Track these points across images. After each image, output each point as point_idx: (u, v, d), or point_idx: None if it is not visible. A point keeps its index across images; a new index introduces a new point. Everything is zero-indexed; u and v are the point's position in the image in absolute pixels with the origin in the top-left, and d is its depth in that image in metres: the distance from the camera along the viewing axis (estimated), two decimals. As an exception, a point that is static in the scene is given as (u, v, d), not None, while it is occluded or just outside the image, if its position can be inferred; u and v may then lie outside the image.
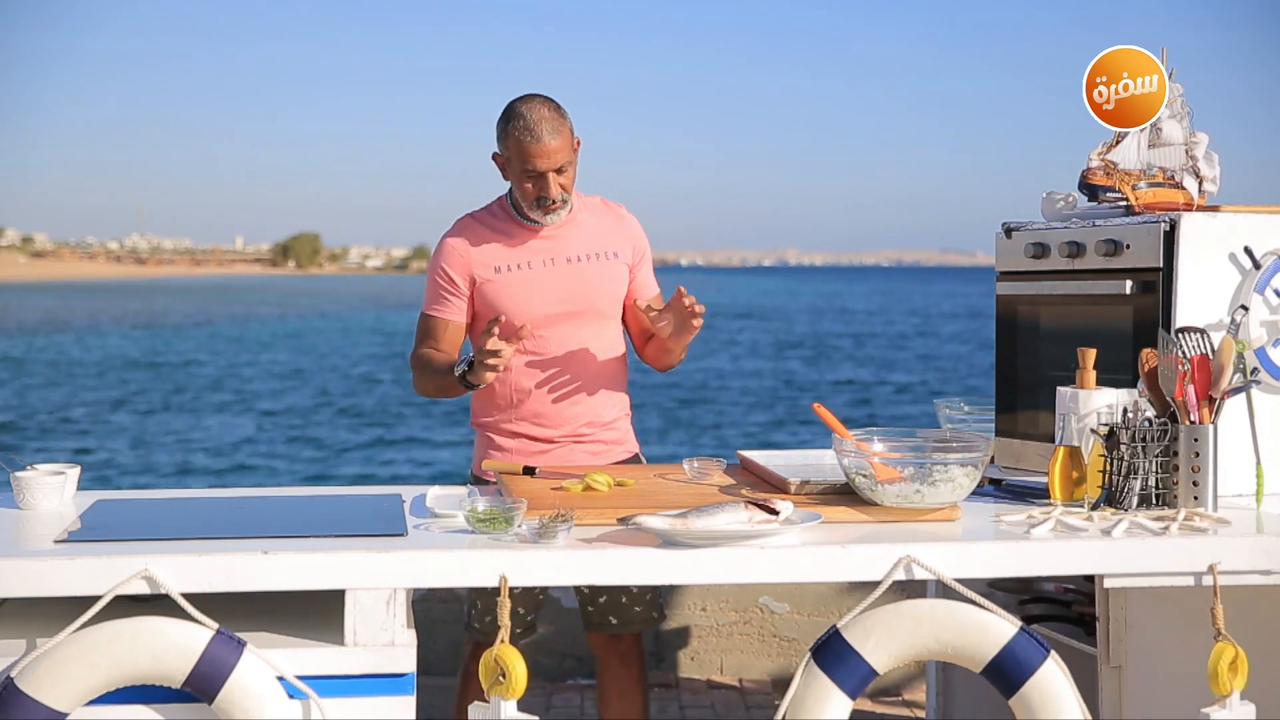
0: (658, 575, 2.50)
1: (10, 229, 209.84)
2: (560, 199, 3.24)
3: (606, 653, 3.38)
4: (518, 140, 3.18)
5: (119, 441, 20.66)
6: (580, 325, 3.33)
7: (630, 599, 3.31)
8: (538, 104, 3.21)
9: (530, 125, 3.17)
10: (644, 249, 3.46)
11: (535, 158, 3.18)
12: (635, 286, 3.43)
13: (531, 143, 3.17)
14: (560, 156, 3.20)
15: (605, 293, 3.36)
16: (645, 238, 3.48)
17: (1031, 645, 2.45)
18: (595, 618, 3.34)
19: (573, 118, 3.27)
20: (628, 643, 3.36)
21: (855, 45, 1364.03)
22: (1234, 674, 2.50)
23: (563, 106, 3.25)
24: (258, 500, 3.08)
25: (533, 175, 3.21)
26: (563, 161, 3.21)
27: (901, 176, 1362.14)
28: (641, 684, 3.40)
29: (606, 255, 3.37)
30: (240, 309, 69.01)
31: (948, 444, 2.72)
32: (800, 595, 4.72)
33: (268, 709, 2.35)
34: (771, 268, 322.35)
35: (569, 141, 3.22)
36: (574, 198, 3.35)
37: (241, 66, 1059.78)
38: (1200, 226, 3.00)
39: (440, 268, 3.35)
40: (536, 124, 3.17)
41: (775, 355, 37.95)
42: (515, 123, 3.19)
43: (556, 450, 3.34)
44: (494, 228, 3.34)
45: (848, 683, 2.45)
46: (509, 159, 3.24)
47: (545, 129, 3.17)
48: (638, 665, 3.39)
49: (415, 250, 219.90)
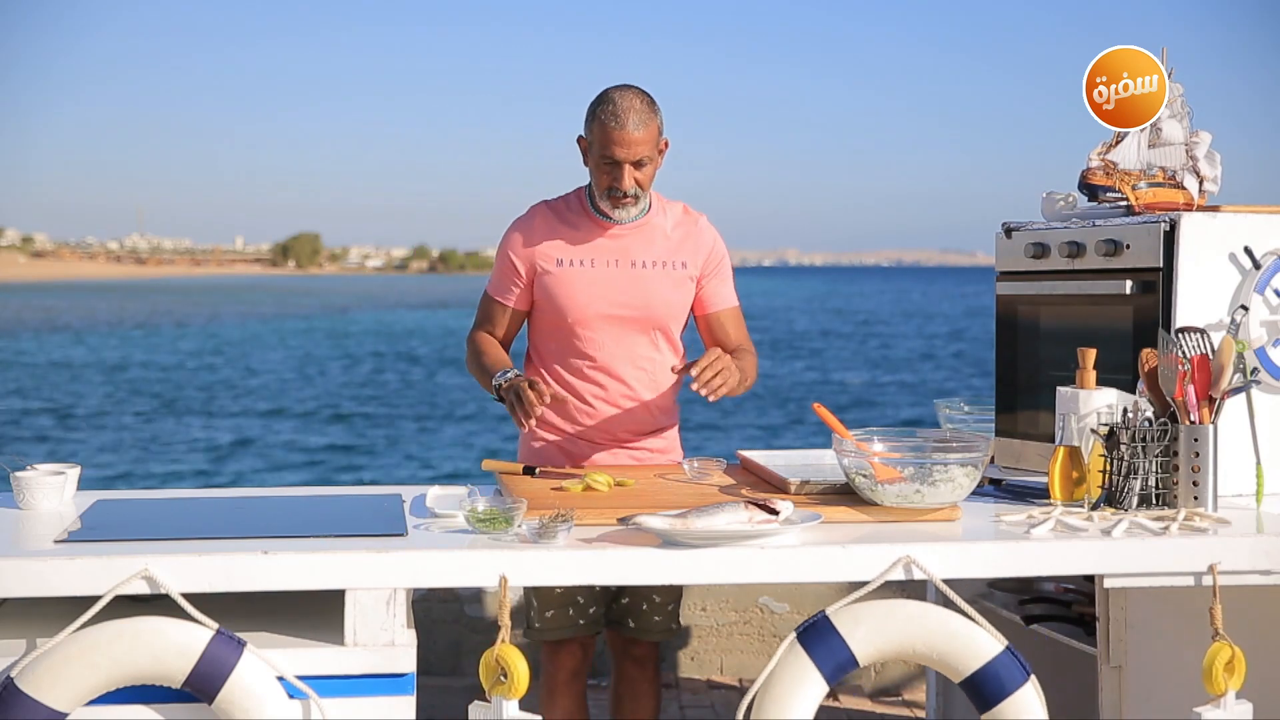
0: (658, 575, 2.50)
1: (10, 229, 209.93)
2: (632, 193, 3.17)
3: (621, 653, 3.36)
4: (602, 124, 3.12)
5: (118, 442, 20.66)
6: (636, 331, 3.27)
7: (651, 607, 3.27)
8: (632, 94, 3.14)
9: (617, 111, 3.10)
10: (717, 260, 3.35)
11: (615, 145, 3.11)
12: (704, 297, 3.35)
13: (616, 129, 3.10)
14: (641, 149, 3.12)
15: (665, 302, 3.27)
16: (721, 249, 3.37)
17: (1014, 665, 2.46)
18: (615, 614, 3.31)
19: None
20: (643, 648, 3.34)
21: (855, 45, 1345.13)
22: (1229, 674, 2.50)
23: (657, 103, 3.18)
24: (258, 500, 3.08)
25: (609, 163, 3.14)
26: (643, 155, 3.13)
27: (901, 176, 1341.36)
28: (654, 688, 3.36)
29: (674, 264, 3.28)
30: (240, 309, 69.03)
31: (948, 444, 2.72)
32: (800, 595, 4.72)
33: (268, 709, 2.35)
34: (771, 268, 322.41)
35: (654, 138, 3.15)
36: (653, 200, 3.29)
37: (241, 66, 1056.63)
38: (1200, 226, 3.00)
39: (505, 253, 3.31)
40: (625, 112, 3.10)
41: (775, 355, 37.95)
42: (604, 106, 3.12)
43: (600, 453, 3.30)
44: (565, 219, 3.28)
45: (826, 665, 2.45)
46: (591, 143, 3.17)
47: (632, 119, 3.10)
48: (652, 669, 3.36)
49: (415, 250, 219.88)
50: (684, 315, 3.34)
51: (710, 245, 3.34)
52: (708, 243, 3.34)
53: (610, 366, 3.27)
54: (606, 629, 3.35)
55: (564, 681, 3.26)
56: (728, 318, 3.37)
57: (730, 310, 3.38)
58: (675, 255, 3.29)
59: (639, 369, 3.29)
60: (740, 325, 3.41)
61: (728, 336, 3.36)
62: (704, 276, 3.33)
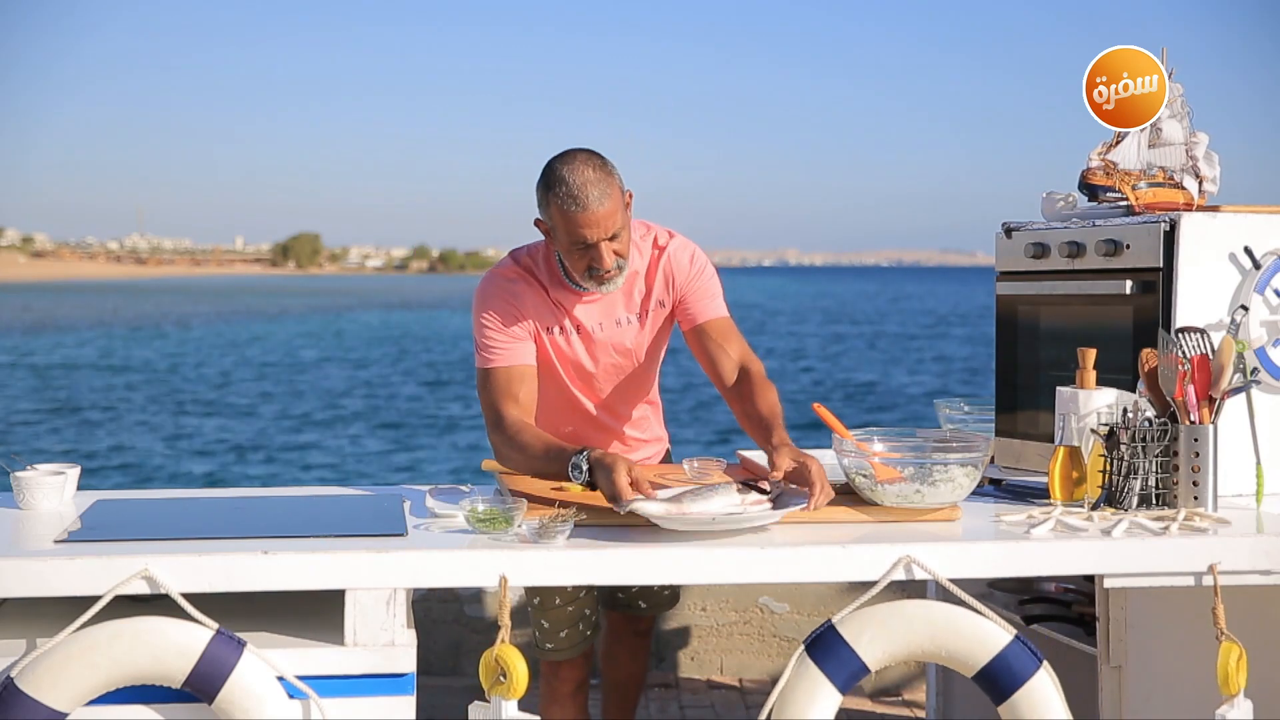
0: (658, 575, 2.50)
1: (10, 229, 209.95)
2: (615, 266, 2.95)
3: (623, 629, 3.44)
4: (562, 210, 2.86)
5: (118, 444, 20.66)
6: (626, 371, 3.22)
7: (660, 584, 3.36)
8: (580, 164, 2.87)
9: (574, 192, 2.84)
10: (693, 277, 3.13)
11: (584, 228, 2.86)
12: (687, 315, 3.15)
13: (578, 212, 2.84)
14: (611, 223, 2.88)
15: (653, 344, 3.21)
16: (699, 265, 3.14)
17: (1025, 654, 2.46)
18: (624, 601, 3.38)
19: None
20: (647, 621, 3.46)
21: (855, 45, 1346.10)
22: (1239, 673, 2.50)
23: (608, 161, 2.93)
24: (258, 500, 3.08)
25: (582, 246, 2.90)
26: (615, 228, 2.89)
27: (901, 176, 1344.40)
28: (647, 651, 3.49)
29: (655, 306, 3.14)
30: (240, 309, 69.02)
31: (948, 444, 2.72)
32: (800, 595, 4.72)
33: (268, 709, 2.35)
34: (771, 268, 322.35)
35: (619, 202, 2.89)
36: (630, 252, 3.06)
37: (241, 66, 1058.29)
38: (1200, 226, 3.00)
39: (505, 315, 3.05)
40: (582, 189, 2.84)
41: (775, 355, 37.94)
42: (557, 189, 2.86)
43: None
44: (543, 286, 3.08)
45: (839, 676, 2.46)
46: (554, 229, 2.92)
47: (592, 194, 2.84)
48: (650, 634, 3.50)
49: (415, 250, 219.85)
50: (661, 348, 3.26)
51: (685, 269, 3.14)
52: (682, 269, 3.13)
53: (604, 403, 3.26)
54: (609, 611, 3.41)
55: (569, 694, 3.23)
56: (717, 330, 3.14)
57: (719, 321, 3.15)
58: (654, 296, 3.14)
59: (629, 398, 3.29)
60: (734, 337, 3.16)
61: (726, 354, 3.12)
62: (681, 300, 3.15)
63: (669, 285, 3.15)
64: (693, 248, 3.19)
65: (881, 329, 51.83)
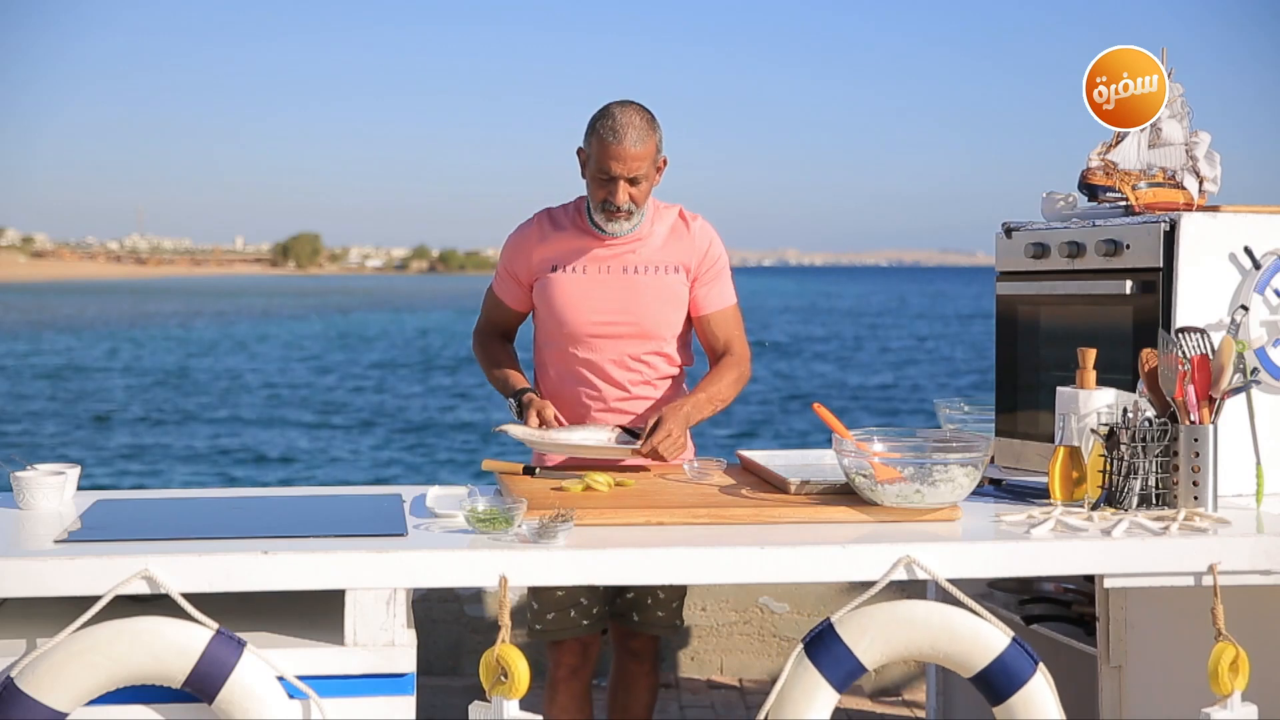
0: (658, 575, 2.50)
1: (10, 229, 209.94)
2: (626, 209, 3.18)
3: (620, 646, 3.39)
4: (601, 138, 3.13)
5: (116, 445, 20.66)
6: (632, 342, 3.28)
7: (656, 603, 3.30)
8: (632, 110, 3.16)
9: (616, 126, 3.12)
10: (712, 261, 3.33)
11: (612, 160, 3.12)
12: (698, 299, 3.33)
13: (614, 143, 3.11)
14: (637, 166, 3.12)
15: (658, 310, 3.28)
16: (718, 250, 3.35)
17: (1022, 657, 2.46)
18: (620, 608, 3.33)
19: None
20: (643, 642, 3.36)
21: (855, 45, 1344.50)
22: (1234, 674, 2.50)
23: (657, 120, 3.19)
24: (258, 500, 3.08)
25: (605, 177, 3.15)
26: (638, 172, 3.13)
27: (901, 176, 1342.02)
28: (652, 680, 3.39)
29: (666, 269, 3.29)
30: (240, 309, 69.01)
31: (948, 444, 2.72)
32: (800, 595, 4.72)
33: (268, 709, 2.35)
34: (771, 268, 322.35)
35: (651, 155, 3.15)
36: (649, 209, 3.28)
37: (242, 66, 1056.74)
38: (1200, 226, 3.00)
39: (506, 256, 3.38)
40: (623, 127, 3.11)
41: (775, 355, 37.95)
42: (604, 121, 3.14)
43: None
44: (561, 226, 3.31)
45: (835, 676, 2.46)
46: (590, 156, 3.18)
47: (631, 134, 3.11)
48: (650, 663, 3.39)
49: (415, 250, 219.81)
50: (680, 321, 3.33)
51: (705, 248, 3.33)
52: (702, 246, 3.33)
53: (612, 376, 3.29)
54: (610, 621, 3.37)
55: (563, 679, 3.27)
56: (720, 320, 3.36)
57: (723, 312, 3.36)
58: (668, 260, 3.29)
59: (639, 376, 3.30)
60: (730, 325, 3.38)
61: (717, 339, 3.36)
62: (697, 279, 3.33)
63: (690, 254, 3.32)
64: (714, 233, 3.39)
65: (881, 329, 51.83)
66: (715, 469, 3.08)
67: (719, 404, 3.29)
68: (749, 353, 3.40)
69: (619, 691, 3.40)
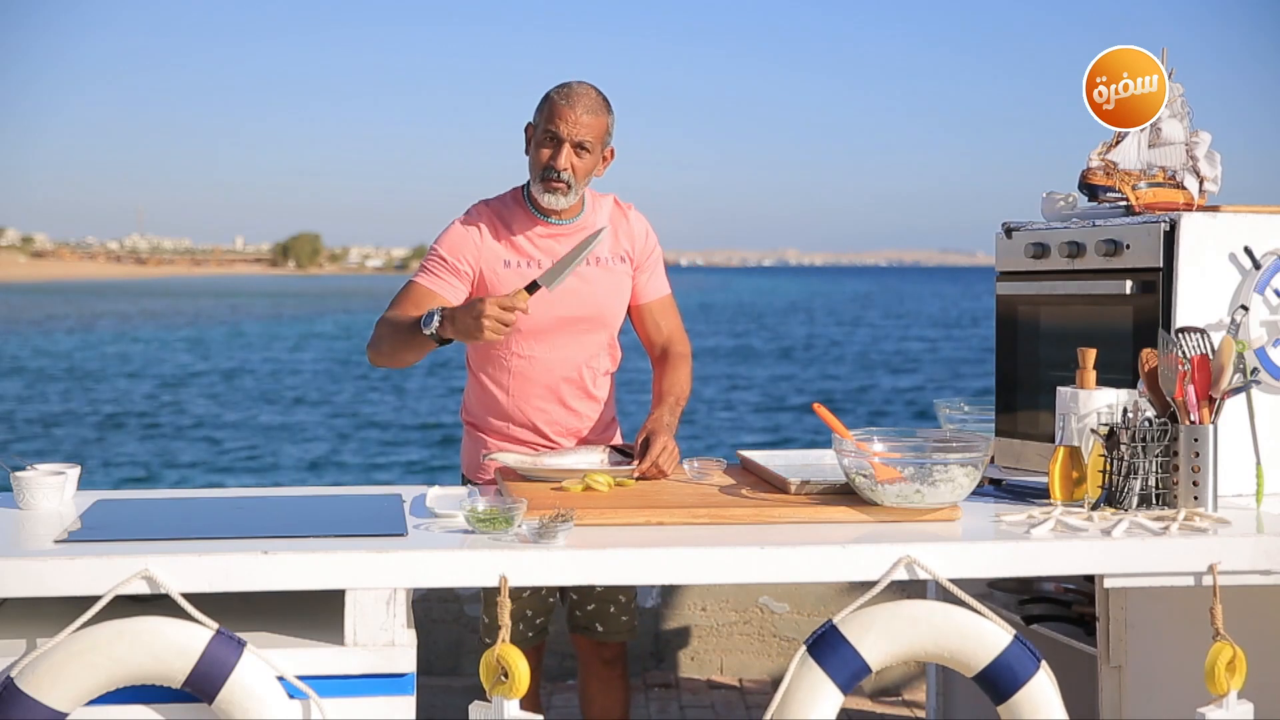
0: (658, 575, 2.50)
1: (10, 229, 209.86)
2: (566, 178, 3.14)
3: (590, 656, 3.41)
4: (552, 101, 3.13)
5: (116, 446, 20.66)
6: (585, 332, 3.27)
7: (618, 609, 3.32)
8: (588, 86, 3.17)
9: (570, 92, 3.13)
10: (650, 250, 3.35)
11: (560, 120, 3.11)
12: (639, 287, 3.34)
13: (564, 106, 3.11)
14: (585, 132, 3.11)
15: (612, 300, 3.29)
16: (653, 238, 3.38)
17: (1025, 655, 2.47)
18: (582, 622, 3.35)
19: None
20: (612, 649, 3.38)
21: (855, 45, 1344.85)
22: (1231, 674, 2.50)
23: (613, 110, 3.21)
24: (258, 500, 3.08)
25: (551, 138, 3.13)
26: (585, 138, 3.11)
27: (901, 176, 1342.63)
28: (624, 683, 3.42)
29: (614, 259, 3.29)
30: (239, 309, 68.99)
31: (948, 444, 2.72)
32: (800, 595, 4.72)
33: (268, 709, 2.35)
34: (771, 268, 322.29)
35: (601, 131, 3.15)
36: (586, 199, 3.26)
37: (241, 66, 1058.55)
38: (1200, 226, 3.00)
39: (448, 249, 3.23)
40: (577, 95, 3.13)
41: (773, 355, 37.96)
42: (558, 88, 3.16)
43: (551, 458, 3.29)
44: (507, 220, 3.25)
45: (840, 676, 2.46)
46: (538, 124, 3.16)
47: (583, 102, 3.12)
48: (621, 667, 3.41)
49: (415, 250, 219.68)
50: (624, 312, 3.35)
51: (644, 236, 3.35)
52: (641, 233, 3.34)
53: (561, 368, 3.27)
54: (572, 635, 3.41)
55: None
56: (659, 308, 3.37)
57: (661, 301, 3.38)
58: (614, 250, 3.30)
59: (588, 368, 3.30)
60: (670, 315, 3.39)
61: (659, 329, 3.37)
62: (638, 269, 3.34)
63: (631, 242, 3.33)
64: (647, 222, 3.40)
65: (881, 328, 51.82)
66: (715, 469, 3.09)
67: (684, 403, 3.31)
68: (689, 341, 3.43)
69: (598, 698, 3.42)
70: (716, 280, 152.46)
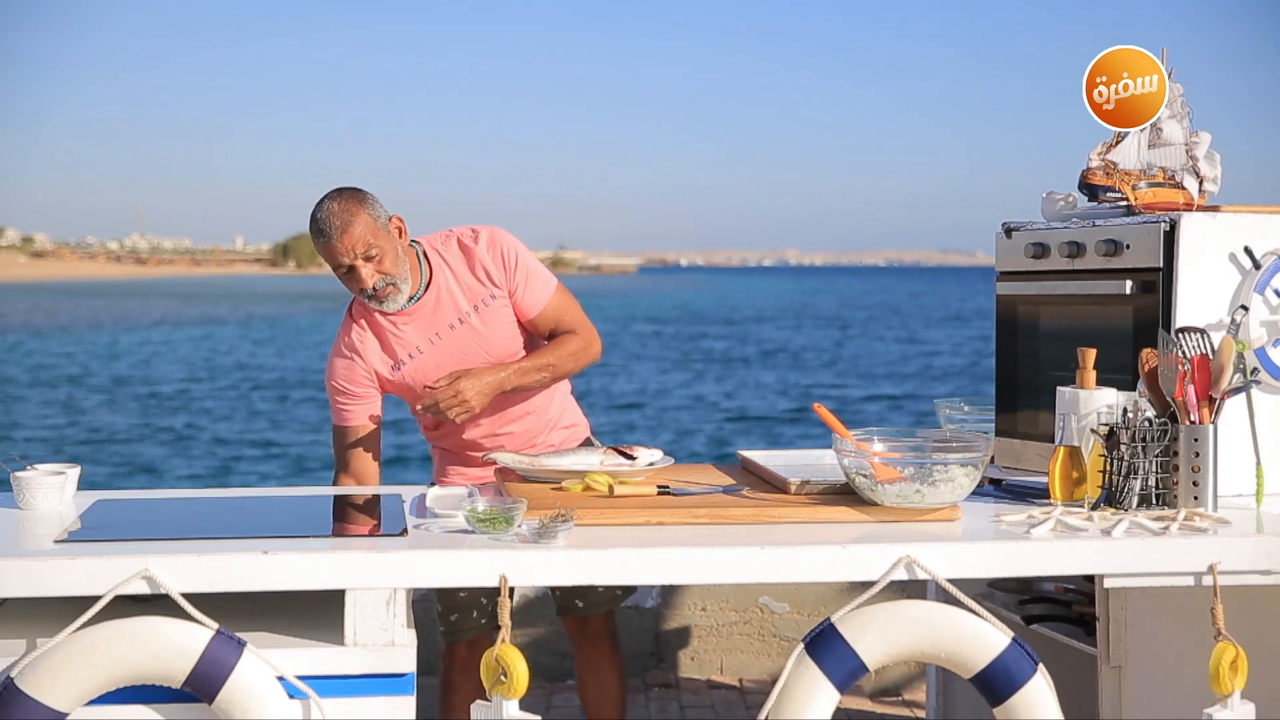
0: (658, 575, 2.50)
1: (10, 229, 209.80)
2: (382, 284, 3.17)
3: (577, 635, 3.44)
4: (317, 245, 3.16)
5: (116, 446, 20.65)
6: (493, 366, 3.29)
7: None
8: (328, 201, 3.15)
9: (320, 226, 3.13)
10: (512, 265, 3.31)
11: (335, 253, 3.13)
12: (520, 306, 3.32)
13: (324, 241, 3.13)
14: (360, 244, 3.12)
15: (498, 339, 3.30)
16: (510, 251, 3.31)
17: (1022, 657, 2.47)
18: (563, 601, 3.40)
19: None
20: (595, 624, 3.41)
21: (855, 45, 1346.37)
22: (1234, 674, 2.50)
23: (362, 192, 3.18)
24: (258, 500, 3.08)
25: (343, 270, 3.16)
26: (366, 247, 3.12)
27: (901, 176, 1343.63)
28: (614, 663, 3.44)
29: (484, 301, 3.29)
30: (240, 309, 68.98)
31: (948, 444, 2.72)
32: (800, 595, 4.72)
33: (268, 709, 2.35)
34: (771, 268, 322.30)
35: (369, 227, 3.13)
36: (431, 257, 3.27)
37: (241, 66, 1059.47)
38: (1200, 226, 3.00)
39: (344, 383, 3.30)
40: (325, 221, 3.12)
41: (774, 355, 37.95)
42: (311, 229, 3.16)
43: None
44: (371, 328, 3.29)
45: (837, 675, 2.46)
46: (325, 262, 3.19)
47: (335, 223, 3.11)
48: (608, 645, 3.43)
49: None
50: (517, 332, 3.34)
51: (499, 258, 3.30)
52: (495, 258, 3.30)
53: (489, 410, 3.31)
54: (560, 617, 3.45)
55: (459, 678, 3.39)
56: (551, 313, 3.34)
57: (550, 305, 3.34)
58: (478, 293, 3.29)
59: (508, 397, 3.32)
60: (559, 311, 3.35)
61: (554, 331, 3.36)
62: (512, 292, 3.31)
63: (489, 279, 3.30)
64: (501, 242, 3.33)
65: (881, 329, 51.81)
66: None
67: (548, 371, 3.29)
68: (592, 327, 3.40)
69: (589, 682, 3.45)
70: (717, 280, 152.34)
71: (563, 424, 3.47)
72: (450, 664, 3.40)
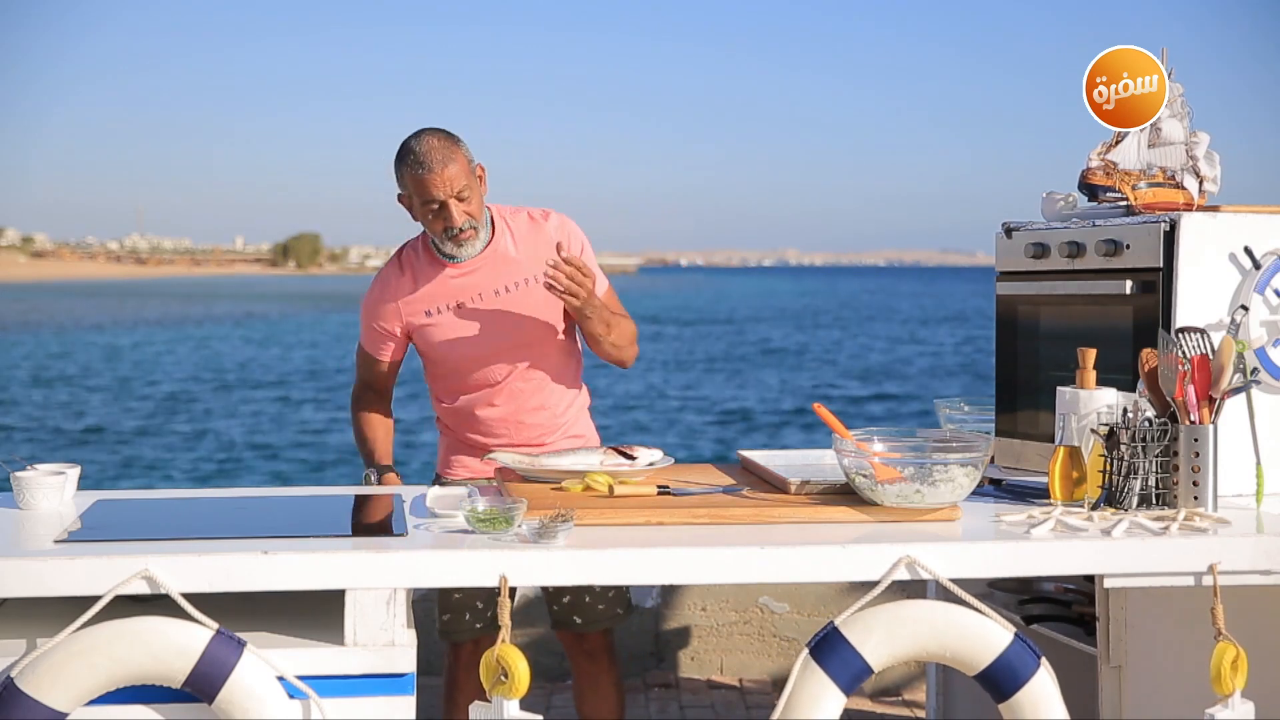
0: (658, 575, 2.50)
1: (10, 229, 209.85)
2: (467, 225, 3.21)
3: (574, 650, 3.42)
4: (412, 174, 3.18)
5: (115, 446, 20.65)
6: (523, 353, 3.32)
7: (594, 598, 3.33)
8: (427, 136, 3.20)
9: (420, 157, 3.16)
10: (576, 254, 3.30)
11: (431, 188, 3.16)
12: None
13: (424, 173, 3.15)
14: (457, 182, 3.16)
15: (539, 317, 3.31)
16: (575, 236, 3.36)
17: (1026, 653, 2.47)
18: (560, 616, 3.38)
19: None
20: (594, 641, 3.39)
21: (855, 45, 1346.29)
22: (1235, 674, 2.50)
23: (456, 136, 3.23)
24: (258, 500, 3.08)
25: (434, 207, 3.19)
26: (460, 187, 3.17)
27: (901, 176, 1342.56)
28: (612, 678, 3.42)
29: (537, 277, 3.30)
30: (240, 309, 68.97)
31: (948, 444, 2.72)
32: (800, 595, 4.72)
33: (268, 709, 2.35)
34: (771, 268, 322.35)
35: (465, 167, 3.19)
36: (494, 221, 3.32)
37: (241, 66, 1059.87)
38: (1200, 226, 3.00)
39: (373, 314, 3.38)
40: (427, 154, 3.16)
41: (773, 354, 37.96)
42: (407, 159, 3.18)
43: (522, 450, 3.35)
44: (418, 271, 3.34)
45: (843, 678, 2.46)
46: (410, 196, 3.22)
47: (435, 156, 3.15)
48: (606, 660, 3.41)
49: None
50: (560, 318, 3.35)
51: (560, 238, 3.33)
52: (557, 237, 3.33)
53: (512, 390, 3.33)
54: (555, 631, 3.43)
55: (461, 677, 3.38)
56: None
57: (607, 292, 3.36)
58: (531, 269, 3.31)
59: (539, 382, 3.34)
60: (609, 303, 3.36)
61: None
62: None
63: (550, 250, 3.29)
64: (568, 227, 3.39)
65: (880, 330, 51.82)
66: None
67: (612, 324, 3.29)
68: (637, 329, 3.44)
69: (587, 696, 3.43)
70: (717, 280, 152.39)
71: (572, 432, 3.45)
72: (455, 663, 3.39)
